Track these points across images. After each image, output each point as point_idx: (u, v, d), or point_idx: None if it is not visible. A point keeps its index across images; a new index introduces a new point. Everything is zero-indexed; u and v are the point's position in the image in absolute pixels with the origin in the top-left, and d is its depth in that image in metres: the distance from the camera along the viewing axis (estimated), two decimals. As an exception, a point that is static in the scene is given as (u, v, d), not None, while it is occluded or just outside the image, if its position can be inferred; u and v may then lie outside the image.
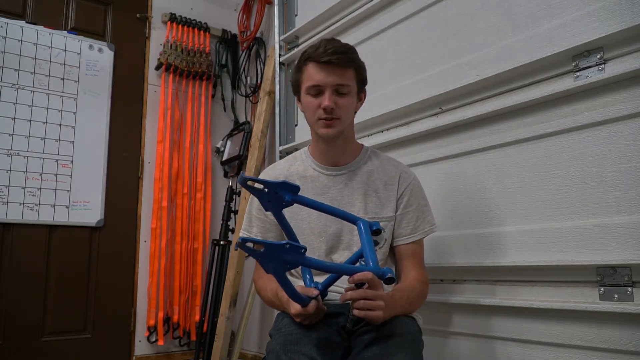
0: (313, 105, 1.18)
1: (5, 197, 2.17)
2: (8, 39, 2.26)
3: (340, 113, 1.17)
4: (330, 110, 1.15)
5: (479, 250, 1.38)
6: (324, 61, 1.14)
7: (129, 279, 2.47)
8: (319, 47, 1.16)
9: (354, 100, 1.21)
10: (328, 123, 1.17)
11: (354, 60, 1.19)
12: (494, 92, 1.38)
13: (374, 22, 1.81)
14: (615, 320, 1.09)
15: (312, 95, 1.17)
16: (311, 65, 1.17)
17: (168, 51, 2.60)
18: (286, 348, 1.01)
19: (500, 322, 1.32)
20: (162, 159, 2.54)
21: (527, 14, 1.31)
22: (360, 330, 1.10)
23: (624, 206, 1.10)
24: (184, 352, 2.55)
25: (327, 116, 1.16)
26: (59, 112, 2.35)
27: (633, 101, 1.10)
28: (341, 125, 1.18)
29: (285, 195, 0.99)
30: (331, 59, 1.13)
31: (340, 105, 1.16)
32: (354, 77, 1.19)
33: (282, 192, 0.99)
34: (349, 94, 1.18)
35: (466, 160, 1.45)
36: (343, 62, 1.15)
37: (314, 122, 1.20)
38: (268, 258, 0.87)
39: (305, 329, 1.06)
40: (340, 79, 1.15)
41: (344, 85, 1.16)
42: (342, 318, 1.12)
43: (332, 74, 1.15)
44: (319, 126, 1.18)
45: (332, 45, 1.15)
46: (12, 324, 2.15)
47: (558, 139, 1.24)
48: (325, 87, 1.15)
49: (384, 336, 1.04)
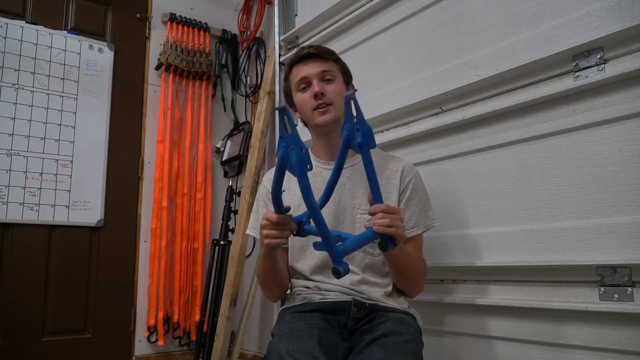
0: (305, 99, 1.23)
1: (5, 197, 2.17)
2: (8, 39, 2.26)
3: (332, 98, 1.22)
4: (320, 95, 1.20)
5: (479, 250, 1.38)
6: (304, 55, 1.24)
7: (129, 279, 2.47)
8: (297, 51, 1.26)
9: (342, 87, 1.26)
10: (322, 110, 1.21)
11: (333, 53, 1.28)
12: (494, 92, 1.38)
13: (374, 22, 1.80)
14: (615, 320, 1.09)
15: (302, 90, 1.24)
16: (295, 67, 1.26)
17: (168, 51, 2.61)
18: (289, 347, 1.01)
19: (500, 322, 1.32)
20: (162, 159, 2.54)
21: (527, 14, 1.31)
22: (361, 329, 1.11)
23: (624, 206, 1.10)
24: (184, 352, 2.55)
25: (319, 102, 1.21)
26: (59, 112, 2.35)
27: (633, 101, 1.10)
28: (335, 111, 1.22)
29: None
30: (309, 51, 1.23)
31: (329, 90, 1.22)
32: (337, 67, 1.26)
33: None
34: (335, 80, 1.24)
35: (466, 160, 1.45)
36: (322, 52, 1.24)
37: (310, 114, 1.24)
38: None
39: (308, 327, 1.06)
40: (323, 66, 1.23)
41: (328, 71, 1.23)
42: (342, 316, 1.13)
43: (314, 64, 1.23)
44: (316, 116, 1.22)
45: (310, 45, 1.26)
46: (12, 324, 2.15)
47: (558, 139, 1.24)
48: (310, 77, 1.22)
49: (384, 335, 1.04)
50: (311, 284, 1.21)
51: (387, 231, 0.94)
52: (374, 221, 0.95)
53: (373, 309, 1.15)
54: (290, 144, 0.85)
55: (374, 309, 1.15)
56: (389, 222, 0.95)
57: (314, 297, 1.18)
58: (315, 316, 1.12)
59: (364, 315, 1.14)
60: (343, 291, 1.17)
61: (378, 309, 1.15)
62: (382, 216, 0.95)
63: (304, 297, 1.19)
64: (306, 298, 1.19)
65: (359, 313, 1.13)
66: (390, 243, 0.96)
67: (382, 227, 0.94)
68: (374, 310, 1.15)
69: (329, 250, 0.88)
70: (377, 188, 0.97)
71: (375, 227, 0.94)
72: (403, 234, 0.98)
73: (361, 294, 1.17)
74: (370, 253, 1.20)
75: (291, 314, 1.16)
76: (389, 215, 0.95)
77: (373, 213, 0.97)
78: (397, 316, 1.14)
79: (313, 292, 1.19)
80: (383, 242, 0.96)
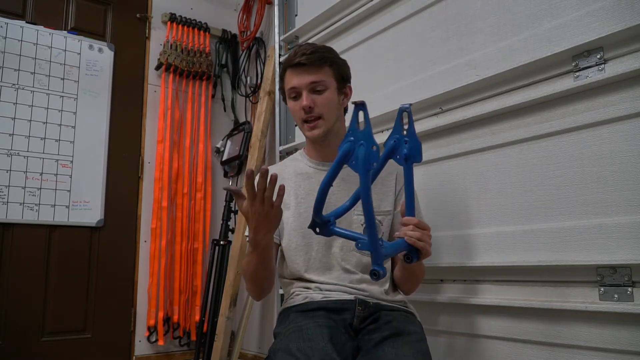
0: (295, 109, 1.23)
1: (5, 197, 2.17)
2: (8, 39, 2.26)
3: (321, 110, 1.20)
4: (308, 109, 1.19)
5: (478, 250, 1.38)
6: (295, 63, 1.20)
7: (129, 279, 2.46)
8: (293, 53, 1.22)
9: (334, 95, 1.23)
10: (311, 125, 1.21)
11: (327, 58, 1.22)
12: (494, 92, 1.38)
13: (374, 22, 1.80)
14: (615, 320, 1.09)
15: (293, 99, 1.23)
16: (288, 71, 1.23)
17: (168, 51, 2.60)
18: (300, 345, 0.99)
19: (500, 322, 1.32)
20: (162, 159, 2.54)
21: (527, 14, 1.31)
22: (367, 328, 1.11)
23: (624, 206, 1.10)
24: (184, 352, 2.55)
25: (307, 116, 1.20)
26: (59, 112, 2.35)
27: (633, 101, 1.10)
28: (325, 124, 1.21)
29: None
30: (300, 60, 1.19)
31: (319, 102, 1.20)
32: (331, 74, 1.22)
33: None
34: (326, 90, 1.21)
35: (466, 160, 1.45)
36: (313, 61, 1.19)
37: (300, 125, 1.25)
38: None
39: (317, 326, 1.05)
40: (313, 77, 1.19)
41: (318, 82, 1.20)
42: (347, 315, 1.13)
43: (305, 74, 1.19)
44: (305, 129, 1.23)
45: (304, 48, 1.21)
46: (12, 324, 2.15)
47: (558, 139, 1.24)
48: (300, 88, 1.20)
49: (394, 335, 1.05)
50: (311, 284, 1.20)
51: (418, 244, 0.98)
52: (405, 232, 0.99)
53: (377, 307, 1.15)
54: (360, 140, 0.84)
55: (378, 308, 1.15)
56: (420, 235, 0.99)
57: (315, 296, 1.17)
58: (320, 315, 1.11)
59: (369, 314, 1.14)
60: (345, 290, 1.17)
61: (382, 307, 1.16)
62: (414, 229, 0.99)
63: (306, 296, 1.19)
64: (308, 297, 1.18)
65: (364, 312, 1.14)
66: (415, 256, 1.00)
67: (414, 240, 0.98)
68: (378, 309, 1.15)
69: (373, 251, 0.87)
70: (412, 200, 1.00)
71: (407, 238, 0.98)
72: (429, 251, 1.01)
73: (363, 291, 1.17)
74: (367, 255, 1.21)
75: (295, 313, 1.15)
76: (421, 230, 0.99)
77: (405, 224, 1.00)
78: (403, 315, 1.16)
79: (314, 291, 1.19)
80: (409, 254, 0.99)
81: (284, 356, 0.98)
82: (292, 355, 0.97)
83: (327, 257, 1.21)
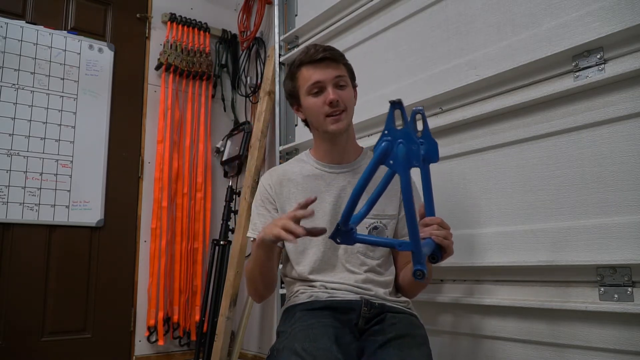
0: (317, 105, 1.20)
1: (5, 197, 2.17)
2: (8, 39, 2.26)
3: (346, 104, 1.21)
4: (336, 103, 1.18)
5: (479, 250, 1.38)
6: (319, 58, 1.19)
7: (129, 279, 2.47)
8: (308, 51, 1.22)
9: (352, 93, 1.25)
10: (336, 117, 1.20)
11: (343, 56, 1.25)
12: (494, 92, 1.38)
13: (374, 22, 1.81)
14: (615, 320, 1.09)
15: (314, 95, 1.21)
16: (305, 68, 1.21)
17: (168, 51, 2.61)
18: (305, 345, 0.98)
19: (500, 322, 1.32)
20: (162, 159, 2.54)
21: (527, 14, 1.31)
22: (372, 329, 1.11)
23: (624, 206, 1.10)
24: (184, 352, 2.55)
25: (333, 110, 1.19)
26: (59, 112, 2.35)
27: (633, 101, 1.10)
28: (348, 118, 1.22)
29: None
30: (325, 55, 1.19)
31: (344, 97, 1.20)
32: (346, 71, 1.24)
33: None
34: (348, 86, 1.23)
35: (466, 160, 1.45)
36: (336, 56, 1.22)
37: (321, 121, 1.21)
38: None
39: (322, 326, 1.05)
40: (338, 72, 1.21)
41: (342, 77, 1.21)
42: (353, 315, 1.13)
43: (329, 69, 1.20)
44: (328, 123, 1.20)
45: (320, 46, 1.22)
46: (12, 324, 2.15)
47: (558, 139, 1.24)
48: (326, 82, 1.19)
49: (398, 337, 1.05)
50: (316, 283, 1.20)
51: (444, 242, 0.98)
52: (430, 231, 0.98)
53: (382, 308, 1.15)
54: (399, 139, 0.83)
55: (383, 309, 1.15)
56: (445, 234, 0.99)
57: (321, 295, 1.17)
58: (326, 314, 1.11)
59: (374, 315, 1.14)
60: (350, 290, 1.17)
61: (387, 309, 1.16)
62: (438, 228, 0.99)
63: (311, 295, 1.18)
64: (313, 295, 1.18)
65: (370, 312, 1.13)
66: (439, 256, 0.99)
67: (441, 239, 0.97)
68: (383, 310, 1.15)
69: (416, 251, 0.87)
70: (431, 200, 1.00)
71: (435, 237, 0.97)
72: (453, 249, 1.01)
73: (368, 291, 1.17)
74: (370, 257, 1.21)
75: (300, 311, 1.14)
76: (445, 229, 0.99)
77: (428, 224, 0.99)
78: (407, 318, 1.15)
79: (319, 290, 1.18)
80: (434, 253, 0.98)
81: (289, 355, 0.98)
82: (298, 354, 0.96)
83: (332, 259, 1.21)
